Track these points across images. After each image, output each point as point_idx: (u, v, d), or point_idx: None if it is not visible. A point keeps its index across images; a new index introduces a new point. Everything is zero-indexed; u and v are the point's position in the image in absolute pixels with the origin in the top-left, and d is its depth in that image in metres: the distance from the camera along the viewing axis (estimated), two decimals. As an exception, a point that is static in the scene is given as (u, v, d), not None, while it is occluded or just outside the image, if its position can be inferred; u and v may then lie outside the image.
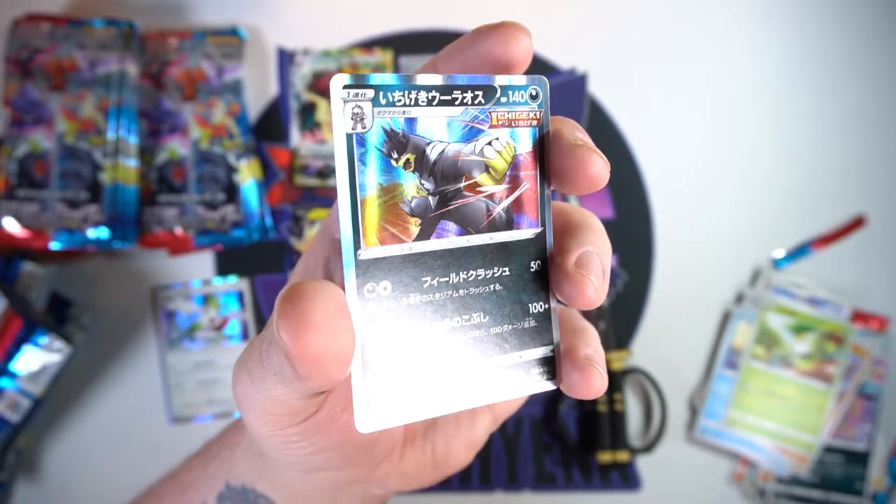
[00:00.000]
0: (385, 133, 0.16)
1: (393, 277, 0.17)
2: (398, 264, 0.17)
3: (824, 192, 0.66)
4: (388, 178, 0.16)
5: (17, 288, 0.60)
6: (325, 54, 0.66)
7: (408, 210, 0.17)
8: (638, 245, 0.66)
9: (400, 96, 0.16)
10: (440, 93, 0.17)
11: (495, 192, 0.18)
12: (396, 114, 0.16)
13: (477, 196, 0.17)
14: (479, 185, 0.17)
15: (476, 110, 0.17)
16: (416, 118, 0.16)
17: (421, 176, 0.17)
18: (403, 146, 0.17)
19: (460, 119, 0.17)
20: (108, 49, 0.61)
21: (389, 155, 0.16)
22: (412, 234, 0.17)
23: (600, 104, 0.66)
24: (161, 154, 0.62)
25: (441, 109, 0.16)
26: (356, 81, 0.16)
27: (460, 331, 0.18)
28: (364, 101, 0.16)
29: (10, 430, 0.56)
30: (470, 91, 0.17)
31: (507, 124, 0.17)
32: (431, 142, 0.17)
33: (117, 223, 0.59)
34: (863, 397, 0.63)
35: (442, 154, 0.17)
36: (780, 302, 0.64)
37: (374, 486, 0.27)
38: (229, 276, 0.64)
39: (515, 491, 0.63)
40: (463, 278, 0.18)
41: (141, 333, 0.64)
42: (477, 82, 0.17)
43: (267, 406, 0.21)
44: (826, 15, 0.67)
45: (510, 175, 0.18)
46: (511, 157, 0.18)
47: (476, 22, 0.72)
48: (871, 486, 0.63)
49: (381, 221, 0.17)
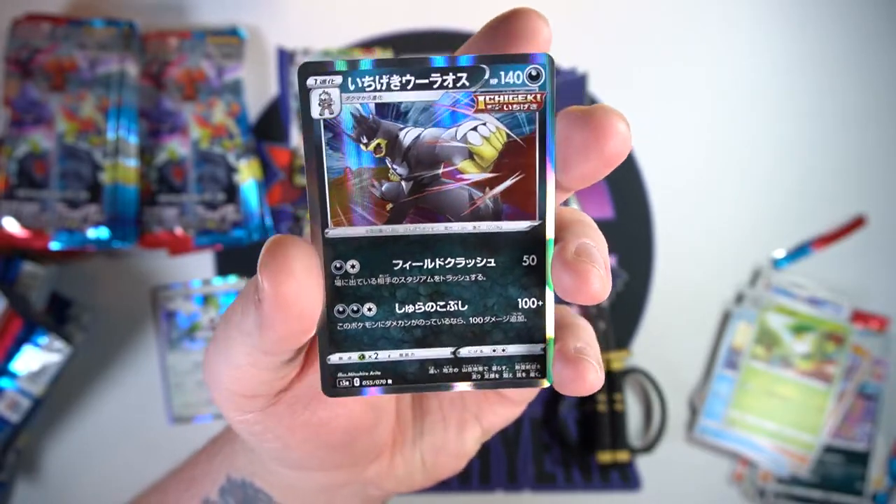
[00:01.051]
0: (354, 118, 0.16)
1: (361, 257, 0.17)
2: (367, 245, 0.17)
3: (824, 192, 0.66)
4: (357, 162, 0.17)
5: (17, 288, 0.60)
6: (326, 54, 0.66)
7: (378, 194, 0.17)
8: (638, 245, 0.66)
9: (370, 81, 0.16)
10: (416, 76, 0.16)
11: (481, 180, 0.17)
12: (366, 99, 0.16)
13: (458, 184, 0.17)
14: (460, 171, 0.17)
15: (458, 93, 0.16)
16: (389, 103, 0.16)
17: (393, 161, 0.17)
18: (374, 131, 0.16)
19: (440, 103, 0.16)
20: (108, 49, 0.61)
21: (359, 140, 0.16)
22: (383, 217, 0.17)
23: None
24: (161, 154, 0.62)
25: (417, 94, 0.16)
26: (322, 68, 0.16)
27: (434, 316, 0.18)
28: (332, 88, 0.16)
29: (10, 430, 0.56)
30: (451, 73, 0.16)
31: (497, 108, 0.17)
32: (405, 127, 0.16)
33: (117, 223, 0.59)
34: (863, 397, 0.63)
35: (417, 139, 0.17)
36: (780, 302, 0.64)
37: (371, 487, 0.27)
38: (229, 276, 0.64)
39: (515, 491, 0.63)
40: (439, 265, 0.18)
41: (141, 333, 0.64)
42: (458, 63, 0.16)
43: (230, 383, 0.21)
44: (826, 15, 0.67)
45: (500, 163, 0.17)
46: (502, 144, 0.17)
47: (476, 22, 0.71)
48: (871, 486, 0.63)
49: (349, 203, 0.17)
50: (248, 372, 0.20)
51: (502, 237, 0.17)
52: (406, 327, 0.18)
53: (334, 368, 0.19)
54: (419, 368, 0.19)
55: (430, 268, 0.18)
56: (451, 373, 0.19)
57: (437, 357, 0.19)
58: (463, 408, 0.27)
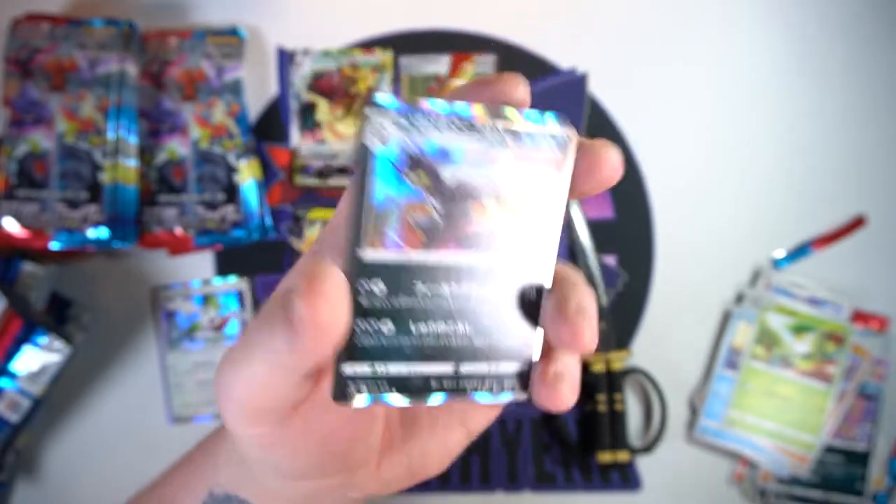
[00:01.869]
0: (402, 151, 0.18)
1: (388, 279, 0.19)
2: (395, 269, 0.19)
3: (824, 192, 0.66)
4: (398, 192, 0.18)
5: (17, 288, 0.60)
6: (325, 54, 0.66)
7: (413, 223, 0.18)
8: (638, 245, 0.66)
9: (426, 121, 0.18)
10: (468, 124, 0.18)
11: (503, 220, 0.19)
12: (418, 135, 0.18)
13: (485, 220, 0.19)
14: (488, 210, 0.19)
15: (499, 143, 0.18)
16: (436, 141, 0.18)
17: (431, 194, 0.18)
18: (417, 165, 0.18)
19: (482, 148, 0.18)
20: (108, 49, 0.61)
21: (402, 171, 0.18)
22: (414, 245, 0.19)
23: (600, 104, 0.66)
24: (161, 154, 0.62)
25: (462, 136, 0.18)
26: (385, 100, 0.17)
27: (444, 336, 0.20)
28: (389, 120, 0.17)
29: (10, 430, 0.56)
30: (497, 127, 0.18)
31: (527, 160, 0.19)
32: (446, 165, 0.18)
33: (117, 223, 0.59)
34: (863, 397, 0.63)
35: (455, 177, 0.18)
36: (780, 302, 0.64)
37: (353, 490, 0.28)
38: (229, 276, 0.64)
39: (515, 491, 0.63)
40: (456, 292, 0.19)
41: (141, 333, 0.64)
42: (502, 114, 0.19)
43: (249, 398, 0.22)
44: (826, 15, 0.67)
45: (521, 206, 0.19)
46: (524, 191, 0.19)
47: (475, 22, 0.71)
48: (872, 487, 0.63)
49: (384, 228, 0.18)
50: (269, 386, 0.21)
51: (513, 273, 0.20)
52: (418, 345, 0.20)
53: (348, 378, 0.20)
54: (423, 381, 0.20)
55: (448, 293, 0.19)
56: (450, 386, 0.21)
57: (440, 372, 0.20)
58: (449, 412, 0.28)
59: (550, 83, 0.66)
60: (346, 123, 0.65)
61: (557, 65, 0.66)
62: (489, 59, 0.66)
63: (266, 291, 0.64)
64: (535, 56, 0.66)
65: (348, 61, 0.65)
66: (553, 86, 0.66)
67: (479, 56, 0.66)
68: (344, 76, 0.65)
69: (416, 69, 0.66)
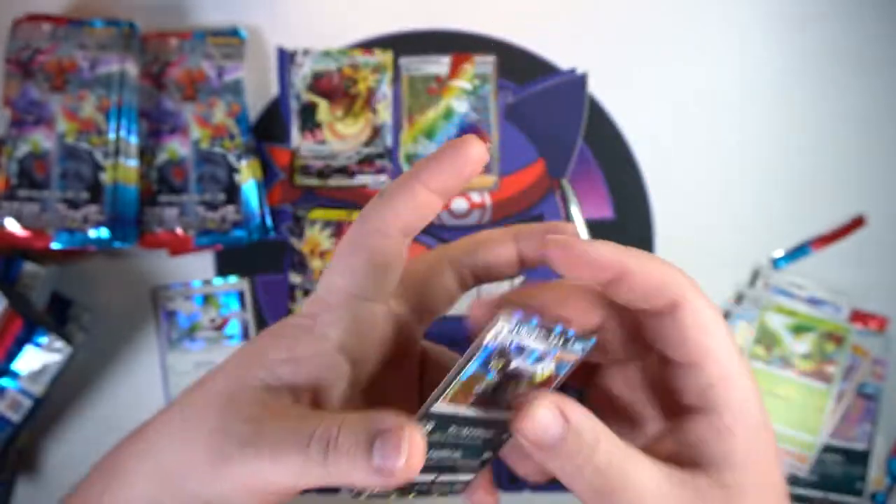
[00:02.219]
0: (501, 347, 0.22)
1: (438, 422, 0.23)
2: (446, 417, 0.23)
3: (824, 192, 0.66)
4: (480, 370, 0.22)
5: (17, 288, 0.60)
6: (326, 54, 0.66)
7: (474, 391, 0.23)
8: (638, 245, 0.65)
9: (527, 329, 0.23)
10: (547, 336, 0.23)
11: (524, 391, 0.24)
12: (517, 338, 0.22)
13: (515, 390, 0.24)
14: (521, 386, 0.24)
15: (555, 349, 0.24)
16: (523, 343, 0.23)
17: (496, 374, 0.23)
18: (501, 355, 0.22)
19: (544, 351, 0.23)
20: (109, 49, 0.61)
21: (491, 358, 0.22)
22: (466, 403, 0.23)
23: (600, 104, 0.66)
24: (161, 154, 0.62)
25: (539, 342, 0.23)
26: (514, 316, 0.22)
27: (444, 460, 0.25)
28: (507, 328, 0.22)
29: (11, 430, 0.56)
30: (562, 339, 0.24)
31: (560, 359, 0.24)
32: (517, 357, 0.23)
33: (117, 223, 0.59)
34: (862, 397, 0.63)
35: (516, 366, 0.23)
36: (779, 302, 0.64)
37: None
38: (229, 277, 0.64)
39: (515, 491, 0.63)
40: (470, 433, 0.25)
41: (141, 333, 0.64)
42: (569, 336, 0.24)
43: (272, 486, 0.22)
44: (826, 15, 0.67)
45: (537, 385, 0.25)
46: (546, 378, 0.25)
47: (476, 22, 0.71)
48: (871, 486, 0.63)
49: (456, 391, 0.23)
50: (301, 484, 0.22)
51: (504, 423, 0.25)
52: (429, 465, 0.23)
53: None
54: (409, 486, 0.25)
55: (466, 434, 0.25)
56: (422, 490, 0.26)
57: (422, 480, 0.25)
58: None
59: (550, 83, 0.66)
60: (347, 124, 0.65)
61: (557, 65, 0.67)
62: (489, 60, 0.66)
63: (266, 291, 0.64)
64: (534, 56, 0.66)
65: (348, 61, 0.66)
66: (553, 86, 0.66)
67: (479, 56, 0.66)
68: (344, 76, 0.65)
69: (416, 69, 0.66)
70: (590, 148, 0.66)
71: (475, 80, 0.66)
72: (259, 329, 0.64)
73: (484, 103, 0.66)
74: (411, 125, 0.66)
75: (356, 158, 0.65)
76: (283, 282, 0.64)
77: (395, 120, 0.66)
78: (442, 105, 0.66)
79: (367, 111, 0.65)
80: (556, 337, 0.24)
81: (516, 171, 0.65)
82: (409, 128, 0.66)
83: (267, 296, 0.64)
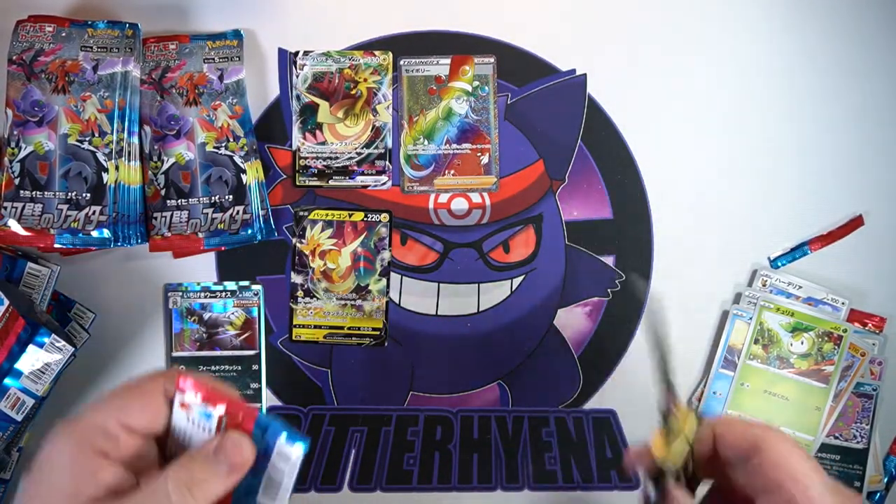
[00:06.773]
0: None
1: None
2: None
3: (823, 192, 0.67)
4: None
5: (20, 288, 0.60)
6: (326, 56, 0.66)
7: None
8: (637, 245, 0.66)
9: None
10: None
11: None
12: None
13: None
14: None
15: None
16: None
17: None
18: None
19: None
20: (112, 50, 0.61)
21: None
22: None
23: (600, 105, 0.67)
24: (168, 159, 0.62)
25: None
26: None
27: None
28: None
29: (14, 429, 0.56)
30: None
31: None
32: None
33: (120, 224, 0.59)
34: (860, 396, 0.64)
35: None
36: (778, 301, 0.64)
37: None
38: (232, 278, 0.64)
39: (515, 490, 0.64)
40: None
41: (144, 334, 0.64)
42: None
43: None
44: (826, 15, 0.68)
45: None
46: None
47: (476, 24, 0.71)
48: (868, 485, 0.63)
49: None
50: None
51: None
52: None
53: None
54: None
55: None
56: None
57: None
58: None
59: (550, 84, 0.66)
60: (347, 125, 0.66)
61: (557, 66, 0.67)
62: (489, 61, 0.66)
63: (267, 291, 0.65)
64: (534, 57, 0.67)
65: (349, 63, 0.66)
66: (552, 87, 0.67)
67: (478, 58, 0.66)
68: (344, 78, 0.66)
69: (416, 70, 0.66)
70: (589, 149, 0.66)
71: (475, 81, 0.66)
72: (266, 334, 0.64)
73: (484, 104, 0.66)
74: (411, 126, 0.66)
75: (357, 159, 0.65)
76: (284, 282, 0.65)
77: (395, 121, 0.66)
78: (442, 106, 0.66)
79: (368, 112, 0.66)
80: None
81: (516, 171, 0.66)
82: (410, 128, 0.66)
83: (268, 296, 0.65)
